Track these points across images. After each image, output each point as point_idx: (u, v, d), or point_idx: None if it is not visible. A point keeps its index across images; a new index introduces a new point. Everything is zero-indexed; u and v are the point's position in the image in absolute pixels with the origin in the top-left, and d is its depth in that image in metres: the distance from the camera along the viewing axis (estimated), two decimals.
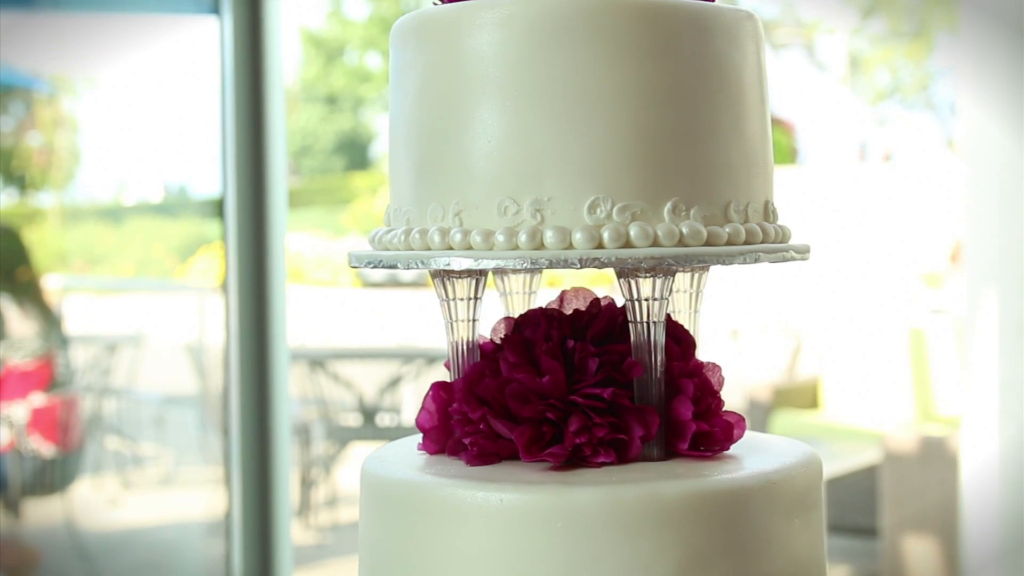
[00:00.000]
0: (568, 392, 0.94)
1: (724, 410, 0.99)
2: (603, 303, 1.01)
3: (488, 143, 0.93)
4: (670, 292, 0.95)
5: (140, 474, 5.59)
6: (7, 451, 4.36)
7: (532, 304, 1.07)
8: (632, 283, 0.94)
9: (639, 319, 0.94)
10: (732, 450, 0.99)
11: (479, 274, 1.00)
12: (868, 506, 4.35)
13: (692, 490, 0.89)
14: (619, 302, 0.99)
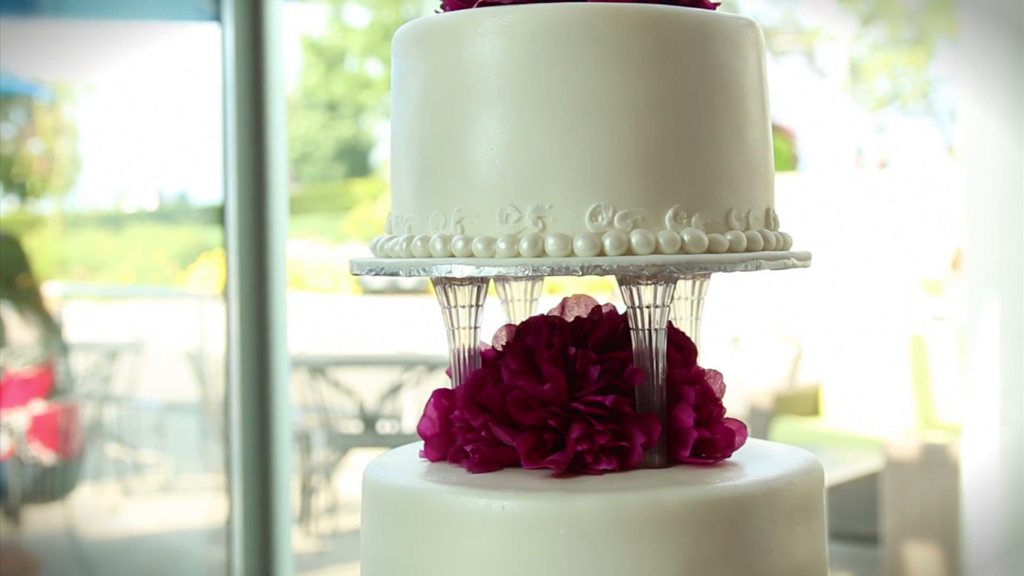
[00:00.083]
0: (570, 399, 0.94)
1: (726, 417, 0.99)
2: (604, 310, 1.01)
3: (490, 151, 0.93)
4: (671, 299, 0.95)
5: (141, 481, 5.58)
6: (7, 458, 4.36)
7: (534, 311, 1.07)
8: (634, 290, 0.94)
9: (641, 326, 0.94)
10: (734, 457, 0.99)
11: (481, 281, 1.00)
12: (869, 513, 4.34)
13: (694, 497, 0.89)
14: (620, 309, 0.99)
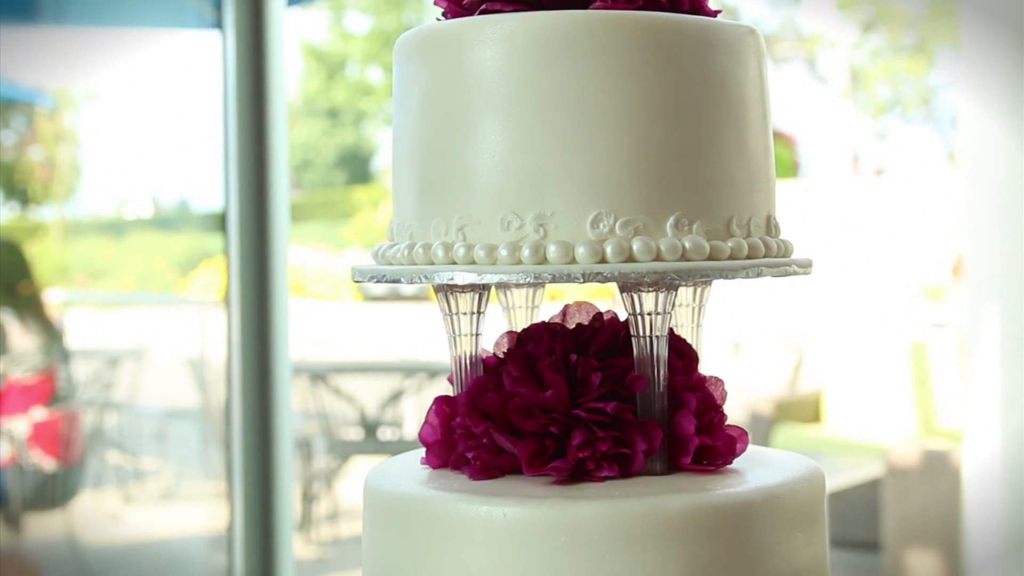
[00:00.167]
0: (571, 406, 0.94)
1: (727, 424, 0.99)
2: (606, 317, 1.01)
3: (491, 158, 0.93)
4: (673, 306, 0.95)
5: (141, 488, 5.58)
6: (8, 466, 4.36)
7: (535, 318, 1.07)
8: (635, 297, 0.94)
9: (642, 333, 0.94)
10: (735, 464, 0.99)
11: (482, 288, 1.00)
12: (870, 520, 4.34)
13: (695, 504, 0.89)
14: (622, 316, 0.99)
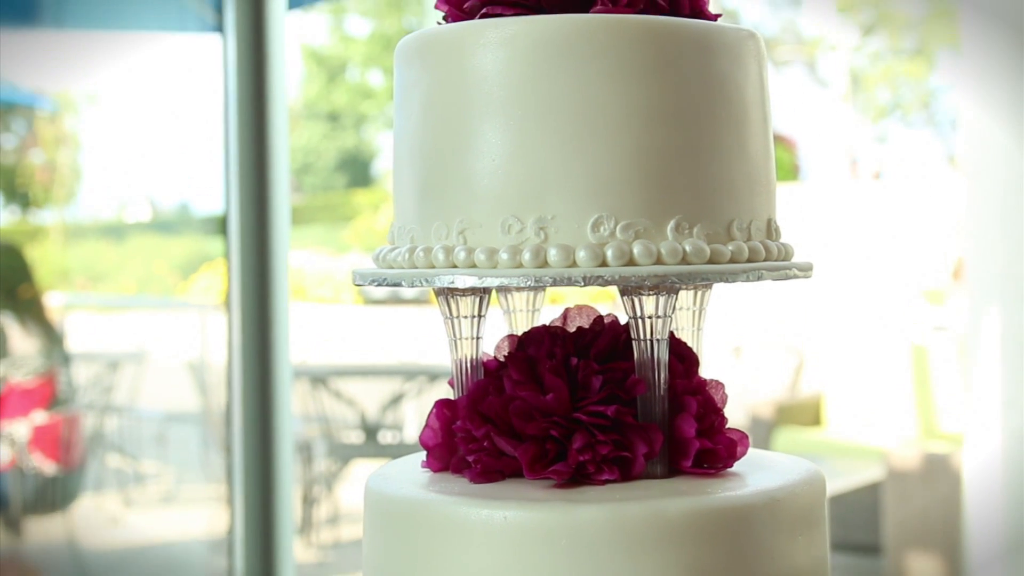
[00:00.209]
0: (572, 409, 0.94)
1: (727, 427, 0.99)
2: (606, 320, 1.01)
3: (492, 162, 0.93)
4: (673, 310, 0.95)
5: (142, 492, 5.58)
6: (8, 469, 4.36)
7: (536, 322, 1.07)
8: (635, 301, 0.94)
9: (642, 337, 0.95)
10: (735, 467, 0.99)
11: (483, 292, 1.00)
12: (871, 523, 4.34)
13: (696, 507, 0.90)
14: (622, 319, 0.99)
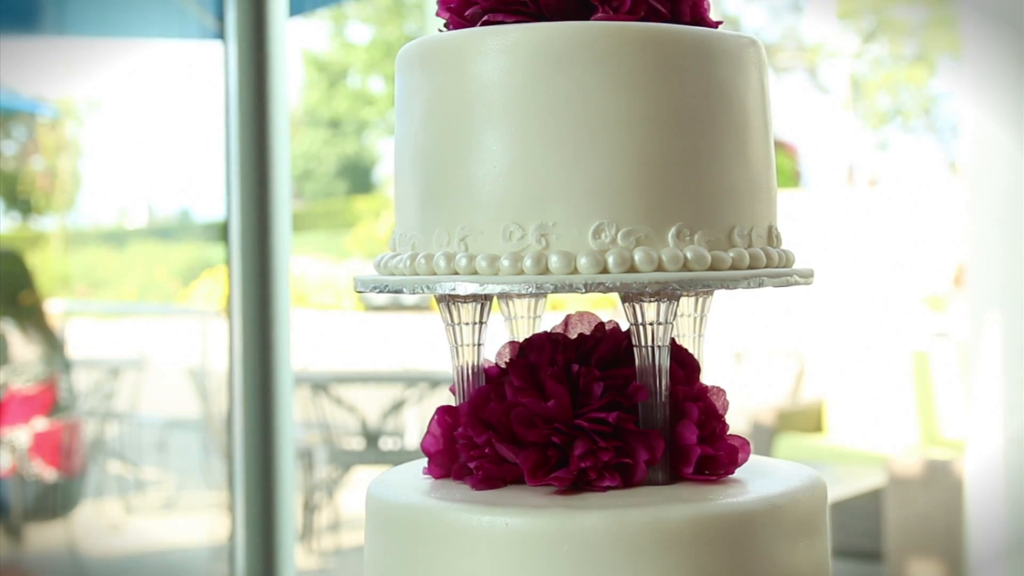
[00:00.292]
0: (573, 416, 0.94)
1: (729, 434, 0.99)
2: (607, 327, 1.01)
3: (493, 168, 0.93)
4: (674, 316, 0.95)
5: (143, 499, 5.57)
6: (9, 476, 4.36)
7: (537, 328, 1.08)
8: (637, 307, 0.94)
9: (644, 343, 0.95)
10: (737, 474, 0.99)
11: (484, 299, 1.00)
12: (873, 530, 4.33)
13: (697, 514, 0.89)
14: (623, 326, 0.99)
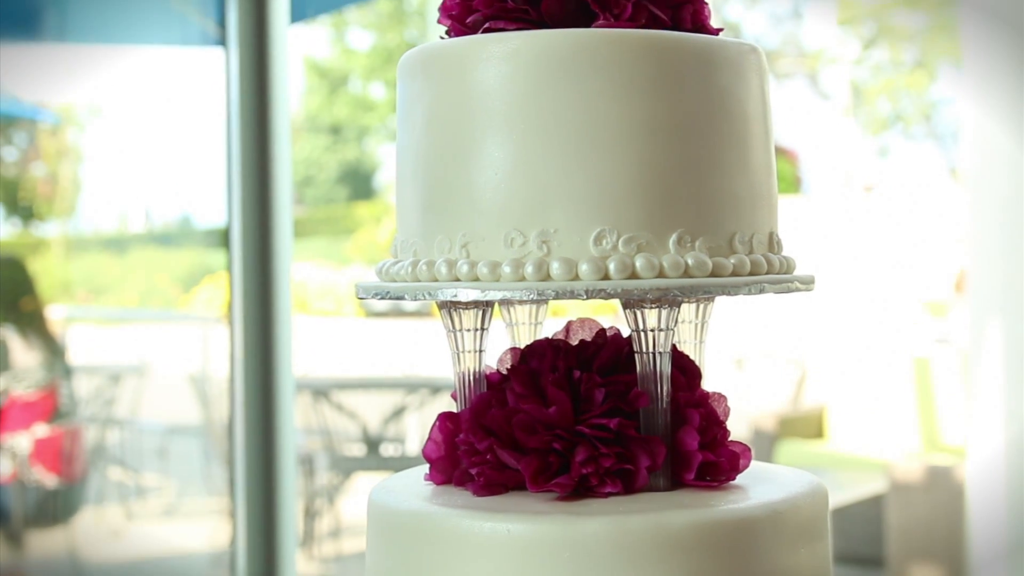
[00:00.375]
0: (574, 422, 0.94)
1: (730, 440, 1.00)
2: (609, 333, 1.01)
3: (494, 175, 0.94)
4: (676, 323, 0.95)
5: (143, 505, 5.57)
6: (10, 482, 4.36)
7: (538, 335, 1.08)
8: (638, 314, 0.94)
9: (645, 349, 0.95)
10: (738, 480, 0.99)
11: (485, 305, 1.00)
12: (874, 536, 4.33)
13: (699, 520, 0.90)
14: (625, 332, 0.99)
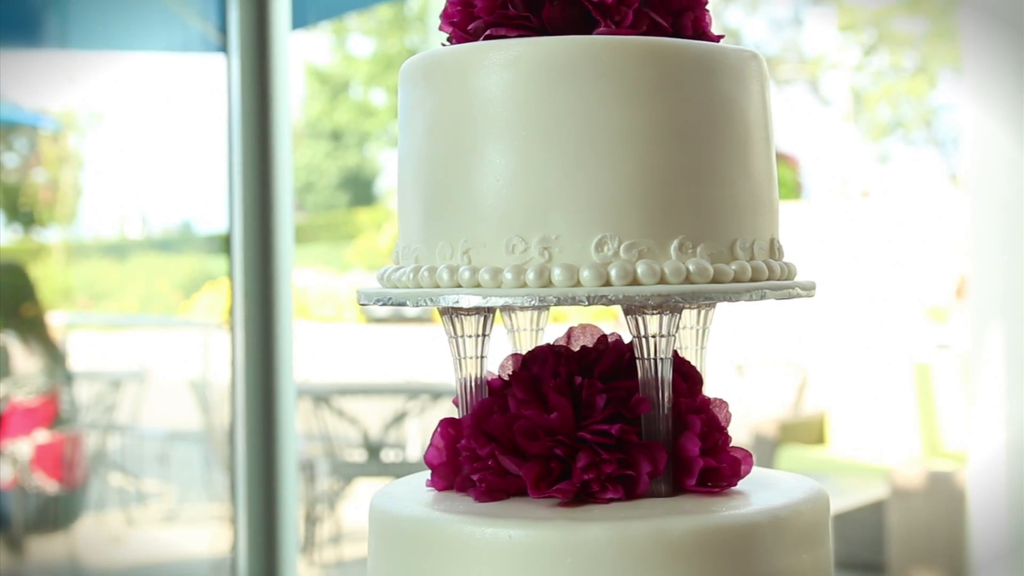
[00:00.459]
0: (576, 428, 0.95)
1: (731, 446, 1.00)
2: (610, 340, 1.02)
3: (496, 182, 0.94)
4: (677, 329, 0.95)
5: (144, 511, 5.57)
6: (10, 488, 4.36)
7: (540, 341, 1.08)
8: (639, 320, 0.94)
9: (646, 356, 0.95)
10: (739, 486, 0.99)
11: (487, 311, 1.00)
12: (875, 542, 4.33)
13: (700, 526, 0.90)
14: (626, 338, 0.99)
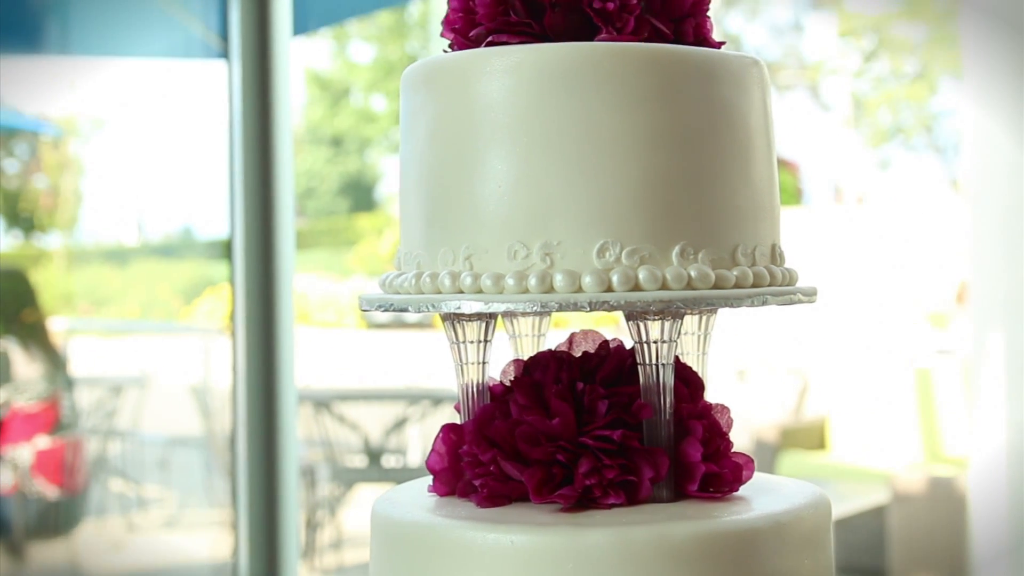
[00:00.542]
0: (578, 434, 0.95)
1: (733, 451, 1.00)
2: (612, 345, 1.02)
3: (498, 188, 0.94)
4: (678, 334, 0.95)
5: (145, 516, 5.57)
6: (11, 493, 4.36)
7: (541, 346, 1.08)
8: (641, 326, 0.94)
9: (648, 361, 0.95)
10: (741, 491, 0.99)
11: (489, 317, 1.01)
12: (876, 547, 4.33)
13: (702, 531, 0.90)
14: (628, 344, 1.00)
